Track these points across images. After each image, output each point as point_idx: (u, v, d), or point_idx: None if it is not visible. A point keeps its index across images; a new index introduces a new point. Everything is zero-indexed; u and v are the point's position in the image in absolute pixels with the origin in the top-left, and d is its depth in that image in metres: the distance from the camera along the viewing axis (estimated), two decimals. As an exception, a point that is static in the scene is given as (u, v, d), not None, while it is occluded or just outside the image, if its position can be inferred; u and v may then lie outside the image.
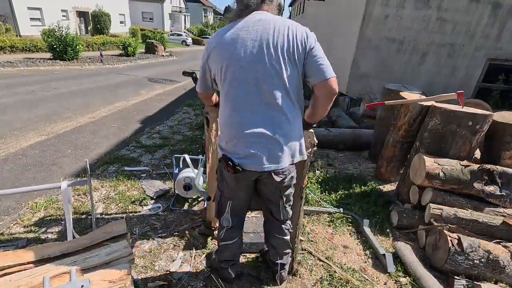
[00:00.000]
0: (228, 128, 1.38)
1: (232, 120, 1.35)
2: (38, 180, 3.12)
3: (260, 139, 1.32)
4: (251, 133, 1.32)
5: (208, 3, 52.54)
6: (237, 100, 1.33)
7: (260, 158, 1.33)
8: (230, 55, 1.29)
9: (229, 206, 1.60)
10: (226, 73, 1.32)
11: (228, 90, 1.34)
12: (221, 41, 1.32)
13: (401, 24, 5.58)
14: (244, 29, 1.30)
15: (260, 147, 1.33)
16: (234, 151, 1.36)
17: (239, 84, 1.30)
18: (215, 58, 1.34)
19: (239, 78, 1.30)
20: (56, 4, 19.33)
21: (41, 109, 5.61)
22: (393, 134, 3.18)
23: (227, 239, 1.69)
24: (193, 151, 3.96)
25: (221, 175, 1.50)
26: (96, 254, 1.48)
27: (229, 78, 1.32)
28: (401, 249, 2.23)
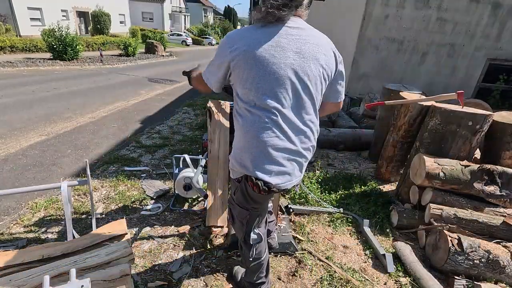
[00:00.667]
0: (255, 144, 1.22)
1: (262, 136, 1.20)
2: (38, 180, 3.12)
3: (292, 155, 1.25)
4: (283, 150, 1.23)
5: (208, 3, 52.56)
6: (268, 114, 1.19)
7: (291, 175, 1.27)
8: (267, 65, 1.15)
9: (258, 221, 1.50)
10: (258, 84, 1.17)
11: (257, 102, 1.19)
12: (254, 46, 1.15)
13: (401, 24, 5.58)
14: (283, 37, 1.16)
15: (292, 164, 1.26)
16: (263, 170, 1.23)
17: (273, 97, 1.18)
18: (242, 63, 1.17)
19: (273, 91, 1.17)
20: (56, 4, 19.35)
21: (41, 109, 5.62)
22: (393, 134, 3.18)
23: (260, 254, 1.57)
24: (193, 151, 3.96)
25: (244, 194, 1.35)
26: (96, 254, 1.48)
27: (261, 90, 1.17)
28: (401, 249, 2.23)
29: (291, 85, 1.18)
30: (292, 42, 1.17)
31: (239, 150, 1.28)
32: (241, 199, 1.39)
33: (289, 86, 1.18)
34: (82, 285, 1.14)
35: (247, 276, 1.71)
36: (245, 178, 1.29)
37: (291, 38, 1.17)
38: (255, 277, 1.65)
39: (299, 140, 1.25)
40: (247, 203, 1.39)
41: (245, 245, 1.54)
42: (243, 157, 1.26)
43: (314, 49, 1.20)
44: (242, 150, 1.26)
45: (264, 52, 1.15)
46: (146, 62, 14.74)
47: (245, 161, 1.26)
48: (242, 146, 1.26)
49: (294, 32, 1.18)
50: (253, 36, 1.18)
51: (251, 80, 1.17)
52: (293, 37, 1.18)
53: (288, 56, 1.16)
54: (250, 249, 1.53)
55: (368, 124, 4.92)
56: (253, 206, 1.40)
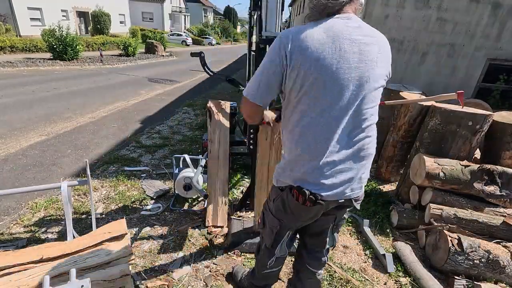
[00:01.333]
0: (310, 154, 1.12)
1: (318, 145, 1.11)
2: (38, 180, 3.12)
3: (349, 165, 1.15)
4: (340, 160, 1.12)
5: (208, 3, 52.56)
6: (328, 121, 1.08)
7: (343, 188, 1.16)
8: (329, 68, 1.03)
9: (288, 235, 1.42)
10: (320, 88, 1.05)
11: (317, 108, 1.08)
12: (314, 47, 1.03)
13: (401, 24, 5.57)
14: (345, 37, 1.04)
15: (347, 174, 1.15)
16: (314, 181, 1.13)
17: (334, 103, 1.07)
18: (302, 66, 1.04)
19: (335, 96, 1.06)
20: (56, 4, 19.34)
21: (41, 109, 5.61)
22: (393, 134, 3.18)
23: (275, 266, 1.53)
24: (193, 151, 3.96)
25: (285, 205, 1.26)
26: (96, 254, 1.48)
27: (323, 94, 1.06)
28: (401, 249, 2.23)
29: (353, 91, 1.07)
30: (355, 43, 1.05)
31: (288, 162, 1.20)
32: (279, 208, 1.30)
33: (349, 92, 1.07)
34: (82, 285, 1.14)
35: (253, 278, 1.69)
36: (289, 188, 1.20)
37: (356, 39, 1.06)
38: (261, 282, 1.64)
39: (359, 151, 1.15)
40: (282, 213, 1.30)
41: (268, 253, 1.49)
42: (287, 165, 1.20)
43: (377, 51, 1.10)
44: (292, 163, 1.18)
45: (325, 55, 1.03)
46: (146, 62, 14.74)
47: (290, 171, 1.18)
48: (292, 159, 1.18)
49: (358, 31, 1.07)
50: (309, 33, 1.05)
51: (310, 85, 1.06)
52: (358, 37, 1.07)
53: (352, 59, 1.05)
54: (271, 258, 1.49)
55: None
56: (288, 219, 1.32)
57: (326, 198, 1.14)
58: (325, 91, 1.06)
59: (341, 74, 1.04)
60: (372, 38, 1.10)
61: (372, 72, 1.08)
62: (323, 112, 1.08)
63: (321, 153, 1.10)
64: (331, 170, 1.12)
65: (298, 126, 1.12)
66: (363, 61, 1.06)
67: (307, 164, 1.13)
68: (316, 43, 1.03)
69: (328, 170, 1.12)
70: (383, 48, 1.13)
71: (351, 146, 1.13)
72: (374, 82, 1.10)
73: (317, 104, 1.07)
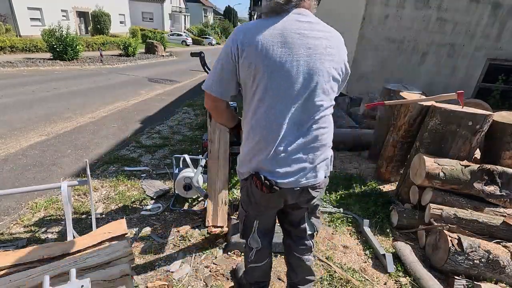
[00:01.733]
0: (263, 143, 1.18)
1: (270, 135, 1.16)
2: (38, 180, 3.12)
3: (303, 155, 1.20)
4: (293, 150, 1.18)
5: (208, 3, 52.56)
6: (279, 112, 1.14)
7: (298, 176, 1.21)
8: (278, 61, 1.08)
9: (256, 225, 1.46)
10: (269, 81, 1.10)
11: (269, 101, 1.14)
12: (264, 41, 1.08)
13: (401, 24, 5.57)
14: (295, 31, 1.10)
15: (301, 163, 1.20)
16: (269, 169, 1.19)
17: (284, 95, 1.12)
18: (253, 59, 1.09)
19: (285, 89, 1.12)
20: (56, 4, 19.35)
21: (41, 109, 5.62)
22: (393, 134, 3.18)
23: (258, 261, 1.56)
24: (193, 151, 3.96)
25: (248, 194, 1.32)
26: (96, 254, 1.48)
27: (273, 87, 1.11)
28: (401, 249, 2.23)
29: (302, 83, 1.12)
30: (304, 37, 1.10)
31: (247, 152, 1.24)
32: (244, 198, 1.39)
33: (299, 85, 1.12)
34: (82, 285, 1.13)
35: (246, 274, 1.71)
36: (251, 176, 1.26)
37: (303, 33, 1.11)
38: (251, 277, 1.66)
39: (312, 141, 1.20)
40: (247, 203, 1.37)
41: (247, 245, 1.55)
42: (248, 155, 1.24)
43: (328, 46, 1.14)
44: (248, 149, 1.23)
45: (275, 47, 1.08)
46: (146, 62, 14.74)
47: (250, 159, 1.24)
48: (251, 146, 1.22)
49: (305, 26, 1.12)
50: (260, 29, 1.10)
51: (261, 77, 1.11)
52: (305, 31, 1.11)
53: (301, 53, 1.10)
54: (250, 251, 1.53)
55: (368, 124, 4.92)
56: (252, 209, 1.39)
57: (281, 185, 1.20)
58: (274, 83, 1.11)
59: (289, 67, 1.09)
60: (322, 32, 1.15)
61: (321, 65, 1.13)
62: (274, 103, 1.13)
63: (274, 142, 1.16)
64: (284, 158, 1.18)
65: (253, 118, 1.18)
66: (312, 54, 1.11)
67: (262, 153, 1.19)
68: (266, 37, 1.08)
69: (281, 158, 1.18)
70: (334, 43, 1.18)
71: (303, 136, 1.18)
72: (324, 75, 1.14)
73: (268, 96, 1.13)
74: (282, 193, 1.23)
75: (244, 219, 1.46)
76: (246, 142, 1.25)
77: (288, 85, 1.11)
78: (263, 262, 1.58)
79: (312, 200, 1.37)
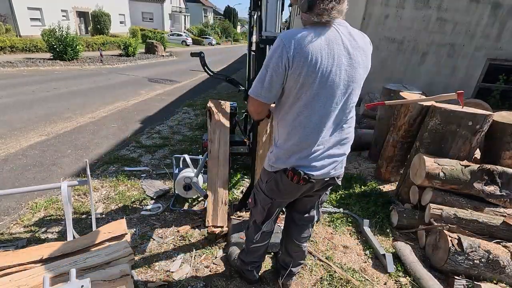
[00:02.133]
0: (304, 143, 1.30)
1: (311, 136, 1.28)
2: (38, 180, 3.12)
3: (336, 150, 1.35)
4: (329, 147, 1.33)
5: (208, 3, 52.55)
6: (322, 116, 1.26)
7: (330, 168, 1.36)
8: (325, 71, 1.18)
9: (277, 212, 1.62)
10: (316, 88, 1.20)
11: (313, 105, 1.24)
12: (313, 52, 1.16)
13: (401, 24, 5.57)
14: (338, 43, 1.19)
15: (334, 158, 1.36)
16: (308, 165, 1.32)
17: (327, 100, 1.23)
18: (303, 68, 1.17)
19: (328, 95, 1.22)
20: (56, 4, 19.34)
21: (41, 109, 5.62)
22: (393, 134, 3.18)
23: (262, 241, 1.72)
24: (193, 151, 3.96)
25: (278, 185, 1.43)
26: (96, 254, 1.48)
27: (319, 93, 1.21)
28: (401, 249, 2.23)
29: (342, 90, 1.24)
30: (345, 48, 1.20)
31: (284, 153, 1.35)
32: (271, 188, 1.48)
33: (339, 91, 1.23)
34: (82, 285, 1.14)
35: (243, 254, 1.84)
36: (283, 170, 1.37)
37: (347, 44, 1.21)
38: (250, 257, 1.79)
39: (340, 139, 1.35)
40: (274, 192, 1.48)
41: (256, 228, 1.68)
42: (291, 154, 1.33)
43: (362, 54, 1.26)
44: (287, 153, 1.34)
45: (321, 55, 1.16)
46: (146, 62, 14.74)
47: (292, 157, 1.33)
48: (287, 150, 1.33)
49: (349, 37, 1.22)
50: (307, 38, 1.16)
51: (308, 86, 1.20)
52: (349, 42, 1.21)
53: (342, 62, 1.20)
54: (257, 233, 1.68)
55: (368, 124, 4.92)
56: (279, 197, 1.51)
57: (316, 177, 1.34)
58: (321, 91, 1.21)
59: (334, 76, 1.20)
60: (359, 42, 1.25)
61: (357, 72, 1.25)
62: (319, 108, 1.24)
63: (314, 142, 1.29)
64: (321, 155, 1.32)
65: (296, 120, 1.28)
66: (351, 64, 1.23)
67: (302, 152, 1.31)
68: (315, 48, 1.16)
69: (319, 155, 1.32)
70: (367, 51, 1.30)
71: (338, 135, 1.34)
72: (358, 81, 1.28)
73: (314, 101, 1.23)
74: (313, 183, 1.37)
75: (270, 206, 1.56)
76: (285, 141, 1.34)
77: (331, 93, 1.23)
78: (266, 241, 1.75)
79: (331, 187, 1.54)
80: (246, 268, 1.83)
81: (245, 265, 1.83)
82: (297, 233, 1.72)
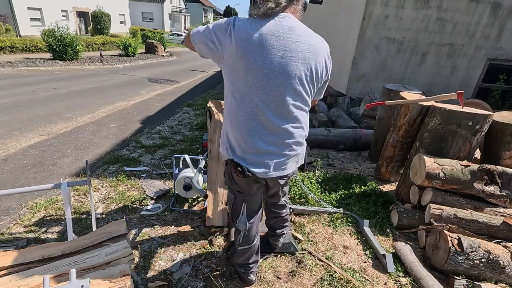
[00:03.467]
0: (238, 132, 1.31)
1: (244, 127, 1.29)
2: (38, 180, 3.12)
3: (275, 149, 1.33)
4: (264, 143, 1.31)
5: (208, 3, 52.56)
6: (253, 107, 1.26)
7: (268, 167, 1.34)
8: (256, 59, 1.20)
9: (244, 207, 1.57)
10: (246, 75, 1.22)
11: (244, 93, 1.25)
12: (248, 38, 1.19)
13: (401, 24, 5.57)
14: (273, 34, 1.20)
15: (269, 157, 1.33)
16: (243, 157, 1.33)
17: (258, 91, 1.23)
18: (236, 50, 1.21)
19: (259, 85, 1.23)
20: (56, 4, 19.35)
21: (41, 109, 5.62)
22: (393, 134, 3.18)
23: (245, 243, 1.68)
24: (193, 151, 3.96)
25: (230, 177, 1.47)
26: (96, 254, 1.48)
27: (249, 81, 1.23)
28: (401, 249, 2.23)
29: (275, 82, 1.22)
30: (281, 40, 1.20)
31: (225, 135, 1.39)
32: (228, 181, 1.53)
33: (272, 83, 1.22)
34: (82, 285, 1.14)
35: (235, 256, 1.84)
36: (230, 161, 1.39)
37: (284, 37, 1.20)
38: (240, 259, 1.78)
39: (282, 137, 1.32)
40: (232, 185, 1.51)
41: (235, 229, 1.67)
42: (228, 141, 1.37)
43: (303, 49, 1.23)
44: (228, 134, 1.37)
45: (255, 46, 1.18)
46: (146, 62, 14.74)
47: (228, 145, 1.38)
48: (228, 131, 1.36)
49: (288, 31, 1.22)
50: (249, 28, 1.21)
51: (244, 70, 1.22)
52: (287, 36, 1.21)
53: (275, 54, 1.19)
54: (238, 234, 1.65)
55: (368, 124, 4.92)
56: (238, 190, 1.51)
57: (253, 172, 1.34)
58: (250, 79, 1.22)
59: (264, 65, 1.20)
60: (302, 37, 1.23)
61: (295, 67, 1.22)
62: (251, 97, 1.24)
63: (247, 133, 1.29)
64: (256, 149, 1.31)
65: (231, 106, 1.31)
66: (287, 56, 1.20)
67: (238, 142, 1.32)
68: (251, 35, 1.19)
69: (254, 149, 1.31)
70: (313, 48, 1.26)
71: (275, 133, 1.30)
72: (298, 77, 1.24)
73: (244, 89, 1.24)
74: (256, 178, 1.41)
75: (233, 201, 1.59)
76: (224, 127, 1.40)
77: (262, 84, 1.22)
78: (250, 245, 1.69)
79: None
80: (240, 270, 1.83)
81: (238, 267, 1.84)
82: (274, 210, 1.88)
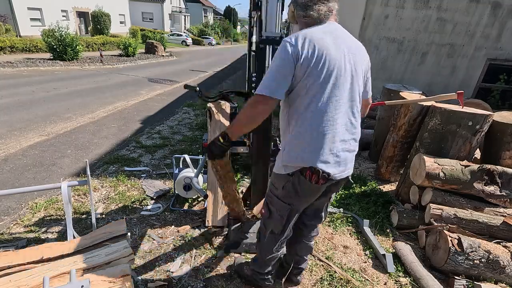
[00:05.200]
0: (316, 137, 1.27)
1: (323, 129, 1.26)
2: (38, 180, 3.12)
3: (349, 147, 1.37)
4: (344, 142, 1.33)
5: (208, 3, 52.54)
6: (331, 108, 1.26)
7: (345, 165, 1.37)
8: (334, 61, 1.23)
9: (295, 218, 1.54)
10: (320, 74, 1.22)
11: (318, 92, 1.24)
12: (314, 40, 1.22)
13: (401, 24, 5.57)
14: (339, 37, 1.29)
15: (348, 154, 1.37)
16: (322, 160, 1.28)
17: (336, 95, 1.26)
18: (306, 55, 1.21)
19: (337, 87, 1.25)
20: (56, 4, 19.33)
21: (41, 109, 5.61)
22: (393, 134, 3.18)
23: (280, 249, 1.66)
24: (193, 151, 3.96)
25: (295, 188, 1.37)
26: (96, 254, 1.48)
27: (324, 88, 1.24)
28: (401, 249, 2.23)
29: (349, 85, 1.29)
30: (343, 42, 1.29)
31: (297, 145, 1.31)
32: (289, 193, 1.40)
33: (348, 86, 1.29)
34: (82, 285, 1.14)
35: (256, 265, 1.77)
36: (299, 171, 1.31)
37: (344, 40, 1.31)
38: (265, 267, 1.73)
39: (353, 135, 1.37)
40: (292, 197, 1.41)
41: (274, 237, 1.59)
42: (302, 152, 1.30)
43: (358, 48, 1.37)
44: (301, 145, 1.30)
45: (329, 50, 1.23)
46: (146, 62, 14.73)
47: (301, 154, 1.30)
48: (301, 142, 1.30)
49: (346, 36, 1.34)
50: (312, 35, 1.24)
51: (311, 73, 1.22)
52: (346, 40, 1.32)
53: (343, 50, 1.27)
54: (276, 243, 1.61)
55: (368, 124, 4.92)
56: (297, 202, 1.44)
57: (333, 176, 1.32)
58: (328, 85, 1.24)
59: (340, 62, 1.25)
60: (351, 38, 1.36)
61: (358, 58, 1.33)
62: (328, 96, 1.25)
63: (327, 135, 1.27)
64: (336, 149, 1.30)
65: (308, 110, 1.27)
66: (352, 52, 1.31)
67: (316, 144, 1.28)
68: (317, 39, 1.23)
69: (334, 149, 1.30)
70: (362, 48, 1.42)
71: (349, 131, 1.34)
72: (360, 68, 1.34)
73: (323, 95, 1.25)
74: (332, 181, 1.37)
75: (289, 213, 1.48)
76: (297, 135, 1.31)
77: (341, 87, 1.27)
78: (283, 248, 1.71)
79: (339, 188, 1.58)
80: (262, 277, 1.78)
81: (260, 275, 1.77)
82: (307, 233, 1.72)
